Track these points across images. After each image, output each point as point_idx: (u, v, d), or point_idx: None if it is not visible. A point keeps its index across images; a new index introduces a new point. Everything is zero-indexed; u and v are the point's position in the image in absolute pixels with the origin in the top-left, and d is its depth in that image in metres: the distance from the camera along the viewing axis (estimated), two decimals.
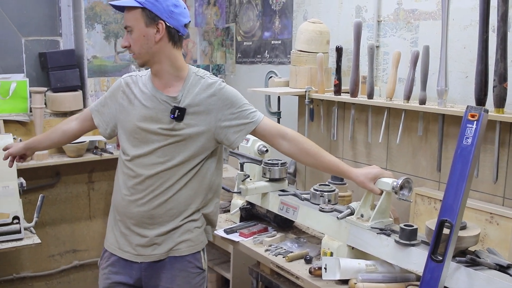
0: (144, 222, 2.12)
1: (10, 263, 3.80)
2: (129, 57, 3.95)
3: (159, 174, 2.09)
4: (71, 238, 3.99)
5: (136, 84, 2.16)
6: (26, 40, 3.81)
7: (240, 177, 2.65)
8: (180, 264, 2.15)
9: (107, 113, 2.23)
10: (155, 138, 2.09)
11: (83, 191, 3.95)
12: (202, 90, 2.12)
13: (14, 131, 3.56)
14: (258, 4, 3.94)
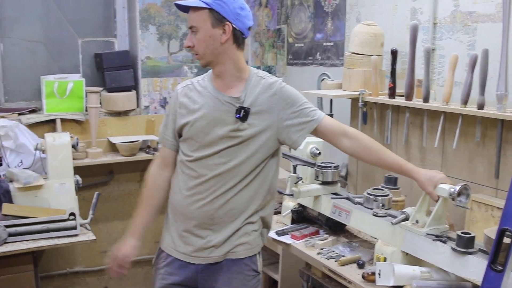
0: (204, 223, 2.13)
1: (64, 257, 3.90)
2: (181, 58, 4.00)
3: (222, 175, 2.10)
4: (123, 234, 4.01)
5: (195, 91, 2.17)
6: (82, 41, 3.91)
7: (293, 179, 2.65)
8: (237, 266, 2.16)
9: (170, 129, 2.22)
10: (219, 140, 2.09)
11: (135, 189, 4.02)
12: (263, 90, 2.12)
13: (70, 129, 3.66)
14: (310, 5, 3.93)
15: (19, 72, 3.79)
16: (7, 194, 2.94)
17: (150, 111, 3.95)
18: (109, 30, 4.00)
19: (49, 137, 3.05)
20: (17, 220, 2.83)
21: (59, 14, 3.84)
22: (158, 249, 2.31)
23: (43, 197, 3.00)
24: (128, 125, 3.89)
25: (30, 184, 2.95)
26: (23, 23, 3.78)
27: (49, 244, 2.82)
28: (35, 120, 3.58)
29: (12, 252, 2.74)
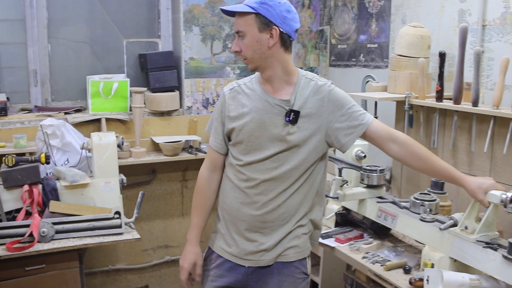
0: (256, 226, 2.14)
1: (106, 255, 3.96)
2: (224, 59, 4.02)
3: (274, 179, 2.10)
4: (164, 233, 4.11)
5: (243, 93, 2.16)
6: (127, 42, 3.96)
7: (338, 182, 2.63)
8: (288, 269, 2.16)
9: (220, 133, 2.22)
10: (270, 144, 2.09)
11: (176, 189, 4.05)
12: (312, 92, 2.11)
13: (114, 129, 3.71)
14: (354, 7, 3.90)
15: (66, 72, 3.86)
16: (54, 192, 2.99)
17: (192, 112, 3.98)
18: (153, 31, 4.05)
19: (95, 136, 3.09)
20: (64, 218, 2.88)
21: (104, 15, 3.90)
22: (207, 249, 2.32)
23: (88, 196, 3.05)
24: (171, 125, 3.92)
25: (76, 182, 3.00)
26: (70, 24, 3.86)
27: (95, 242, 2.86)
28: (80, 119, 3.64)
29: (59, 249, 2.79)
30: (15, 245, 2.72)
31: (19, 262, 2.75)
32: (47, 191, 2.98)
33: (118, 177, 3.12)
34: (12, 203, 2.95)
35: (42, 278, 2.84)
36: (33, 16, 3.70)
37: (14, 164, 2.94)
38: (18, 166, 2.96)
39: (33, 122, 3.58)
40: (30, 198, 2.94)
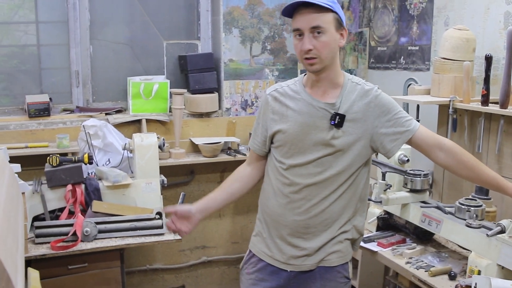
0: (298, 232, 2.12)
1: (144, 255, 4.00)
2: (263, 60, 4.02)
3: (317, 184, 2.08)
4: (201, 234, 4.13)
5: (286, 95, 2.14)
6: (167, 43, 3.99)
7: (381, 186, 2.61)
8: (330, 274, 2.14)
9: (259, 135, 2.22)
10: (314, 148, 2.07)
11: None
12: (359, 97, 2.08)
13: (154, 130, 3.74)
14: (395, 9, 3.87)
15: (106, 73, 3.91)
16: (97, 192, 3.03)
17: (231, 113, 3.99)
18: (193, 32, 4.07)
19: (137, 137, 3.12)
20: (107, 218, 2.91)
21: (144, 17, 3.94)
22: (248, 253, 2.31)
23: (130, 196, 3.08)
24: (209, 127, 3.94)
25: (118, 182, 3.03)
26: (111, 26, 3.91)
27: (136, 242, 2.89)
28: (121, 120, 3.69)
29: (101, 249, 2.82)
30: (59, 244, 2.76)
31: (62, 260, 2.79)
32: (89, 190, 3.02)
33: (159, 177, 3.15)
34: (56, 202, 3.00)
35: (84, 277, 2.87)
36: (76, 18, 3.76)
37: (58, 164, 2.99)
38: (62, 166, 3.00)
39: (75, 122, 3.63)
40: (73, 197, 2.99)
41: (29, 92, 3.73)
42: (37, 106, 3.60)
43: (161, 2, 3.98)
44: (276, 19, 4.01)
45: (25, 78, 3.79)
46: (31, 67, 3.79)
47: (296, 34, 2.00)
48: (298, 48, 2.01)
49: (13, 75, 3.77)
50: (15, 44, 3.76)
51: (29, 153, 3.35)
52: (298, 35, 1.99)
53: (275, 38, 4.03)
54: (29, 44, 3.79)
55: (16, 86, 3.77)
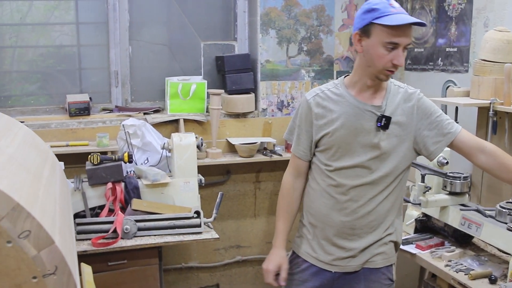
0: (344, 233, 2.14)
1: (180, 253, 4.05)
2: (299, 61, 4.04)
3: (364, 186, 2.10)
4: (236, 234, 4.16)
5: (329, 99, 2.14)
6: (204, 44, 4.03)
7: (421, 188, 2.61)
8: (375, 276, 2.16)
9: (304, 141, 2.21)
10: (361, 150, 2.09)
11: (250, 190, 4.10)
12: (403, 100, 2.11)
13: (191, 129, 3.79)
14: (432, 10, 3.84)
15: (145, 73, 3.97)
16: (136, 190, 3.08)
17: (267, 114, 4.02)
18: (230, 33, 4.11)
19: (176, 137, 3.16)
20: (146, 216, 2.96)
21: (182, 18, 3.99)
22: (291, 254, 2.33)
23: (168, 195, 3.12)
24: (246, 127, 3.97)
25: (157, 181, 3.08)
26: (150, 27, 3.97)
27: (175, 240, 2.93)
28: (159, 119, 3.74)
29: (140, 246, 2.87)
30: (99, 240, 2.82)
31: (102, 257, 2.84)
32: (129, 189, 3.07)
33: (197, 177, 3.18)
34: (96, 199, 3.06)
35: (123, 274, 2.92)
36: (116, 19, 3.83)
37: (99, 162, 3.05)
38: (103, 164, 3.06)
39: (114, 121, 3.70)
40: (113, 195, 3.04)
41: (69, 92, 3.81)
42: (78, 105, 3.68)
43: (198, 3, 4.02)
44: (313, 20, 4.02)
45: (64, 77, 3.87)
46: (71, 67, 3.88)
47: (389, 46, 1.97)
48: (387, 60, 1.98)
49: (51, 75, 3.85)
50: (51, 44, 3.84)
51: (70, 151, 3.42)
52: (391, 48, 1.97)
53: (311, 39, 4.04)
54: (68, 45, 3.87)
55: (54, 85, 3.85)
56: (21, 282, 1.10)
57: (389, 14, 1.95)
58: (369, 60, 2.02)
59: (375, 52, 1.99)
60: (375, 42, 1.98)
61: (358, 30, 2.02)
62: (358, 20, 2.03)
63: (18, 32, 3.76)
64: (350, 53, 4.13)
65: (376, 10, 1.96)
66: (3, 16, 3.70)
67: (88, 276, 1.70)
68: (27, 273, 1.10)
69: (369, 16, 1.98)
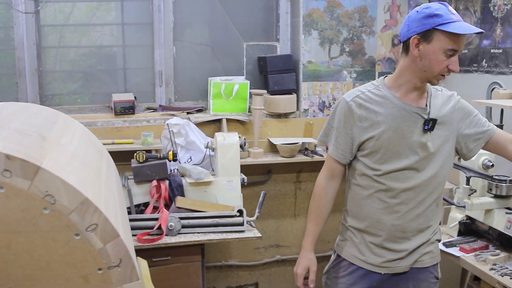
0: (395, 236, 2.15)
1: (221, 251, 4.09)
2: (341, 62, 4.04)
3: (414, 188, 2.11)
4: (276, 233, 4.19)
5: (372, 101, 2.13)
6: (247, 45, 4.07)
7: (465, 191, 2.60)
8: (423, 275, 2.19)
9: (343, 143, 2.19)
10: (408, 152, 2.09)
11: (290, 190, 4.12)
12: (443, 102, 2.16)
13: (233, 129, 3.83)
14: (477, 10, 3.80)
15: (188, 73, 4.03)
16: (180, 188, 3.14)
17: (309, 114, 4.03)
18: (272, 34, 4.14)
19: (219, 137, 3.21)
20: (190, 213, 3.02)
21: (226, 19, 4.03)
22: (335, 258, 2.33)
23: (211, 193, 3.17)
24: (287, 127, 3.99)
25: (201, 180, 3.13)
26: (193, 28, 4.02)
27: (218, 238, 2.97)
28: (202, 119, 3.79)
29: (184, 243, 2.92)
30: (144, 236, 2.88)
31: (147, 253, 2.87)
32: (173, 187, 3.13)
33: (239, 176, 3.22)
34: (141, 196, 3.13)
35: (167, 270, 2.98)
36: (160, 20, 3.90)
37: (144, 160, 3.12)
38: (148, 162, 3.13)
39: (158, 120, 3.77)
40: (157, 193, 3.10)
41: (112, 91, 3.90)
42: (123, 104, 3.75)
43: (241, 4, 4.06)
44: (355, 21, 4.02)
45: (106, 77, 3.97)
46: (115, 67, 3.97)
47: (449, 53, 1.98)
48: (444, 65, 2.00)
49: (93, 74, 3.95)
50: (93, 44, 3.94)
51: (115, 149, 3.48)
52: (449, 54, 1.98)
53: (353, 40, 4.04)
54: (113, 45, 3.97)
55: (96, 84, 3.94)
56: (87, 273, 1.15)
57: (452, 22, 1.95)
58: (427, 65, 2.01)
59: (435, 58, 1.98)
60: (436, 48, 1.97)
61: (417, 34, 2.00)
62: (417, 24, 2.00)
63: (62, 33, 3.86)
64: (392, 54, 4.12)
65: (439, 16, 1.95)
66: (46, 17, 3.81)
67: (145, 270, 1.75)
68: (93, 265, 1.15)
69: (432, 21, 1.96)
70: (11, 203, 1.13)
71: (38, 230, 1.14)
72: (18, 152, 1.15)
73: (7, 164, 1.13)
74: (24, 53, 3.72)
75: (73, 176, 1.19)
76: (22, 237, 1.15)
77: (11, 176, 1.12)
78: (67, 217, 1.12)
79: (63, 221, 1.12)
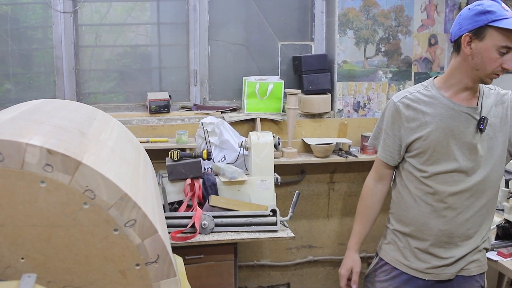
0: (441, 241, 2.11)
1: (252, 250, 4.09)
2: (377, 62, 4.00)
3: (462, 192, 2.06)
4: (308, 234, 4.17)
5: (420, 102, 2.10)
6: (282, 44, 4.06)
7: (504, 194, 2.54)
8: (469, 283, 2.14)
9: (391, 145, 2.18)
10: (458, 153, 2.05)
11: (323, 190, 4.10)
12: (496, 101, 2.09)
13: (267, 128, 3.83)
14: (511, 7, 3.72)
15: (223, 73, 4.04)
16: (214, 187, 3.15)
17: (343, 114, 4.00)
18: (307, 34, 4.12)
19: (253, 136, 3.20)
20: (223, 212, 3.02)
21: (260, 18, 4.03)
22: (378, 261, 2.31)
23: (245, 192, 3.17)
24: (321, 127, 3.97)
25: (235, 179, 3.13)
26: (228, 27, 4.03)
27: (251, 237, 2.97)
28: (237, 118, 3.80)
29: (217, 241, 2.93)
30: (178, 234, 2.89)
31: (180, 251, 2.89)
32: (207, 185, 3.14)
33: (273, 176, 3.21)
34: (175, 195, 3.15)
35: (199, 268, 2.99)
36: (196, 19, 3.92)
37: (179, 158, 3.14)
38: (182, 160, 3.15)
39: (192, 119, 3.78)
40: (191, 191, 3.12)
41: (147, 89, 3.93)
42: (158, 103, 3.78)
43: (276, 4, 4.05)
44: (391, 21, 3.98)
45: (141, 76, 4.00)
46: (148, 66, 4.00)
47: (503, 51, 1.93)
48: (498, 63, 1.94)
49: (128, 74, 3.98)
50: (128, 44, 3.98)
51: (150, 147, 3.51)
52: (503, 52, 1.93)
53: (389, 40, 4.00)
54: (148, 44, 4.00)
55: (131, 83, 3.98)
56: (125, 268, 1.16)
57: (505, 18, 1.89)
58: (479, 63, 1.96)
59: (488, 56, 1.94)
60: (489, 46, 1.92)
61: (469, 32, 1.95)
62: (469, 21, 1.95)
63: (99, 32, 3.91)
64: (428, 54, 4.06)
65: (492, 12, 1.90)
66: (83, 16, 3.86)
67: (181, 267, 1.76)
68: (131, 260, 1.16)
69: (484, 18, 1.91)
70: (52, 197, 1.15)
71: (77, 225, 1.15)
72: (59, 147, 1.17)
73: (48, 158, 1.14)
74: (62, 52, 3.78)
75: (112, 172, 1.20)
76: (62, 231, 1.16)
77: (52, 170, 1.14)
78: (106, 212, 1.13)
79: (102, 216, 1.13)
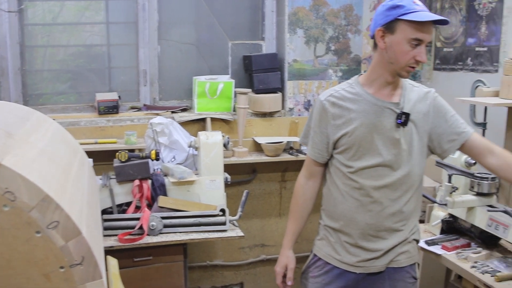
0: (370, 235, 2.14)
1: (205, 250, 4.07)
2: (327, 61, 4.03)
3: (387, 186, 2.10)
4: (261, 233, 4.17)
5: (345, 99, 2.13)
6: (232, 44, 4.05)
7: (447, 188, 2.58)
8: (399, 275, 2.16)
9: (319, 142, 2.20)
10: (382, 148, 2.09)
11: (275, 189, 4.10)
12: (419, 98, 2.13)
13: (218, 128, 3.81)
14: (462, 9, 3.80)
15: (173, 73, 4.01)
16: (162, 188, 3.12)
17: (294, 113, 4.02)
18: (257, 33, 4.12)
19: (202, 135, 3.19)
20: (172, 213, 3.00)
21: (211, 18, 4.01)
22: (312, 257, 2.32)
23: (194, 192, 3.15)
24: (272, 126, 3.98)
25: (184, 179, 3.11)
26: (178, 27, 4.00)
27: (200, 238, 2.95)
28: (187, 118, 3.77)
29: (166, 242, 2.90)
30: (126, 236, 2.86)
31: (128, 253, 2.87)
32: (155, 186, 3.11)
33: (223, 175, 3.20)
34: (123, 196, 3.10)
35: (148, 270, 2.96)
36: (145, 18, 3.87)
37: (126, 159, 3.10)
38: (130, 161, 3.11)
39: (142, 120, 3.74)
40: (140, 192, 3.08)
41: (98, 90, 3.87)
42: (107, 103, 3.73)
43: (227, 3, 4.04)
44: (341, 20, 4.01)
45: (93, 76, 3.94)
46: (100, 66, 3.93)
47: (414, 43, 1.97)
48: (411, 56, 1.99)
49: (81, 74, 3.92)
50: (82, 44, 3.92)
51: (98, 149, 3.47)
52: (415, 44, 1.98)
53: (339, 39, 4.03)
54: (98, 44, 3.94)
55: (84, 84, 3.92)
56: (48, 271, 1.13)
57: (414, 11, 1.95)
58: (392, 56, 2.02)
59: (400, 48, 1.99)
60: (400, 38, 1.98)
61: (381, 26, 2.02)
62: (381, 16, 2.02)
63: (49, 32, 3.83)
64: None
65: (401, 6, 1.97)
66: (35, 16, 3.78)
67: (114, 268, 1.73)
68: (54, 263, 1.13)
69: (394, 12, 1.98)
70: None
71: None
72: None
73: None
74: (7, 52, 3.68)
75: (36, 173, 1.16)
76: None
77: None
78: (27, 214, 1.10)
79: (23, 218, 1.10)
